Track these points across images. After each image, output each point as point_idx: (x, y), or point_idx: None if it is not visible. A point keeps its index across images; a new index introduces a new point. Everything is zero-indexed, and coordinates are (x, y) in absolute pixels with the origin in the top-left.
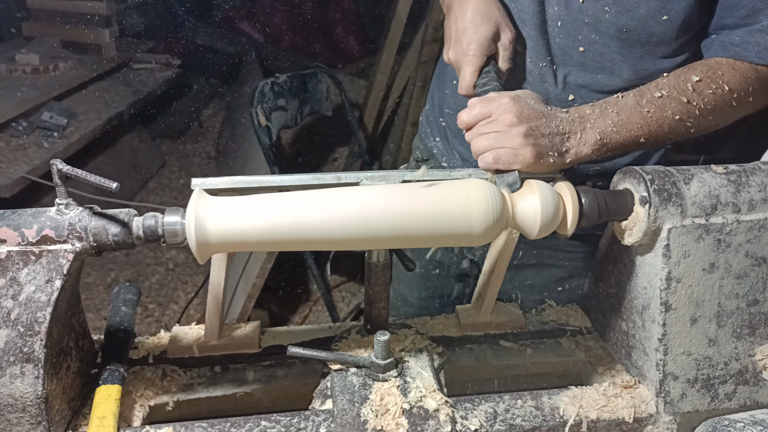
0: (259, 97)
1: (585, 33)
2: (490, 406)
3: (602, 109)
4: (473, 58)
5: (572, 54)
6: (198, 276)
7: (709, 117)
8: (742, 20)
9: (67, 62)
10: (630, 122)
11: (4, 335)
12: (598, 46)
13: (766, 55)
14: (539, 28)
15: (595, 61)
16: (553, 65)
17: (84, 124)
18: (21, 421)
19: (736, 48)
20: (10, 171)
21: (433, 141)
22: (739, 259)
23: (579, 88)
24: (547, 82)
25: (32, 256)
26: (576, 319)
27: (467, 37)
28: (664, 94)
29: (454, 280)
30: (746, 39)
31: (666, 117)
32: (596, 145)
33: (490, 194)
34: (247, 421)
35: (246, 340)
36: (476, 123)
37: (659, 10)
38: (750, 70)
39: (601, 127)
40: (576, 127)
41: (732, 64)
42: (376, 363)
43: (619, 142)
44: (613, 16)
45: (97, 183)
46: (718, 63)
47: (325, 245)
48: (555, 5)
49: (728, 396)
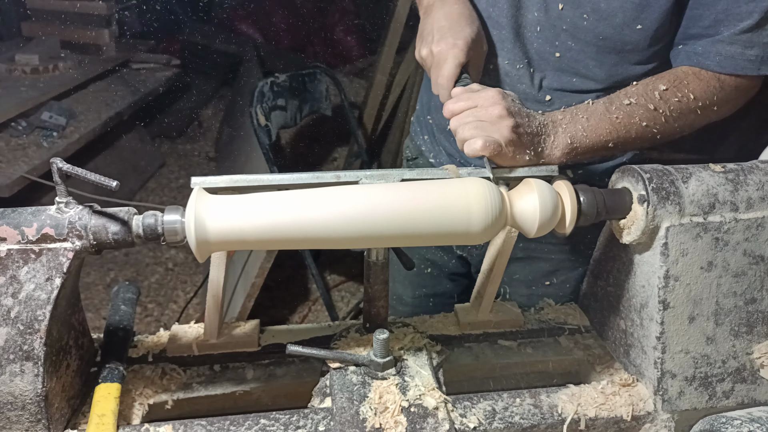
0: (259, 97)
1: (562, 39)
2: (489, 404)
3: (573, 115)
4: (460, 53)
5: (548, 59)
6: (197, 275)
7: (675, 124)
8: (705, 30)
9: (67, 62)
10: (599, 127)
11: (4, 333)
12: (573, 53)
13: (726, 65)
14: (516, 32)
15: (570, 66)
16: (530, 68)
17: (83, 124)
18: (21, 419)
19: (699, 57)
20: (10, 171)
21: (422, 138)
22: (736, 257)
23: (555, 90)
24: (524, 84)
25: (32, 255)
26: (574, 317)
27: (455, 33)
28: (632, 101)
29: (447, 279)
30: (708, 49)
31: (634, 123)
32: (566, 149)
33: (489, 193)
34: (247, 419)
35: (245, 338)
36: (461, 112)
37: (634, 19)
38: (713, 79)
39: (572, 131)
40: (550, 129)
41: (697, 73)
42: (375, 361)
43: (588, 146)
44: (590, 23)
45: (97, 181)
46: (684, 72)
47: (325, 244)
48: (534, 11)
49: (726, 394)
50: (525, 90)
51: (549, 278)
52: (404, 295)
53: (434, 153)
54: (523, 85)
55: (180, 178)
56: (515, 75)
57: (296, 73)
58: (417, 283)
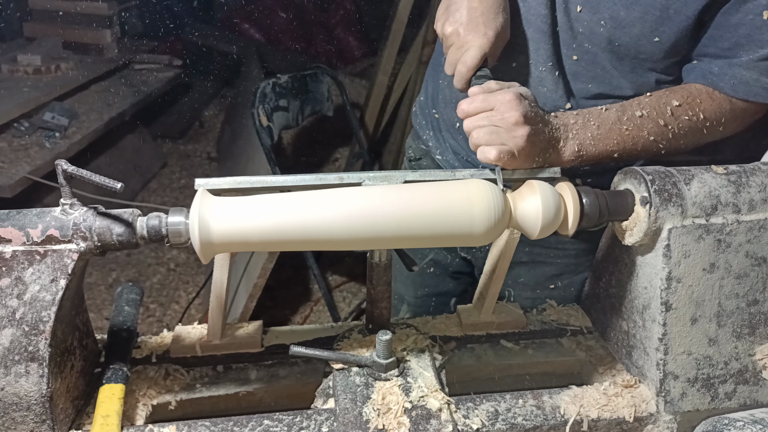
0: (261, 98)
1: (579, 41)
2: (492, 405)
3: (585, 120)
4: (488, 43)
5: (566, 62)
6: (199, 276)
7: (681, 141)
8: (723, 52)
9: (69, 63)
10: (608, 137)
11: (9, 334)
12: (590, 56)
13: (740, 90)
14: (543, 32)
15: (586, 71)
16: (555, 71)
17: (85, 125)
18: (26, 420)
19: (714, 77)
20: (12, 171)
21: (427, 133)
22: (739, 259)
23: (573, 94)
24: (546, 86)
25: (37, 256)
26: (577, 318)
27: (488, 21)
28: (644, 114)
29: (450, 278)
30: (724, 71)
31: (642, 136)
32: (573, 156)
33: (492, 194)
34: (250, 420)
35: (248, 339)
36: (477, 114)
37: (652, 31)
38: (725, 101)
39: (581, 138)
40: (560, 134)
41: (710, 93)
42: (378, 362)
43: (594, 155)
44: (607, 30)
45: (101, 183)
46: (698, 90)
47: (328, 245)
48: (557, 12)
49: (728, 395)
50: (546, 93)
51: (554, 282)
52: (406, 295)
53: (441, 150)
54: (544, 88)
55: (182, 179)
56: (537, 76)
57: (298, 73)
58: (419, 282)
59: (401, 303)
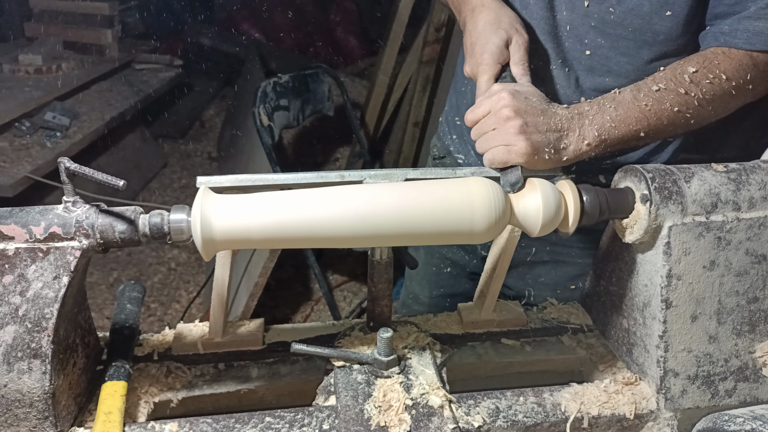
0: (262, 97)
1: (591, 36)
2: (493, 402)
3: (600, 105)
4: (487, 68)
5: (580, 57)
6: (200, 275)
7: (708, 107)
8: (731, 7)
9: (70, 62)
10: (628, 117)
11: (12, 331)
12: (604, 50)
13: (755, 41)
14: (549, 33)
15: (602, 64)
16: (565, 68)
17: (86, 124)
18: (28, 417)
19: (727, 36)
20: (14, 171)
21: (450, 139)
22: (739, 256)
23: (589, 90)
24: (560, 84)
25: (40, 253)
26: (577, 316)
27: (479, 48)
28: (661, 87)
29: (466, 279)
30: (735, 27)
31: (664, 109)
32: (595, 142)
33: (492, 192)
34: (252, 417)
35: (250, 337)
36: (479, 120)
37: (662, 6)
38: (745, 57)
39: (599, 123)
40: (574, 124)
41: (727, 53)
42: (379, 360)
43: (618, 137)
44: (617, 16)
45: (104, 181)
46: (714, 53)
47: (329, 243)
48: (564, 10)
49: (728, 392)
50: (562, 91)
51: (575, 282)
52: (421, 295)
53: (463, 153)
54: (558, 86)
55: (182, 178)
56: (549, 76)
57: (299, 73)
58: (435, 282)
59: (415, 302)
